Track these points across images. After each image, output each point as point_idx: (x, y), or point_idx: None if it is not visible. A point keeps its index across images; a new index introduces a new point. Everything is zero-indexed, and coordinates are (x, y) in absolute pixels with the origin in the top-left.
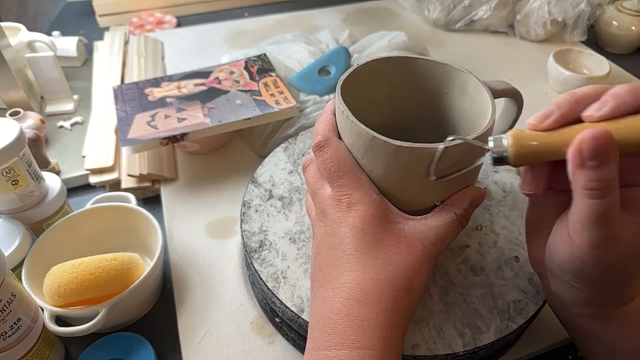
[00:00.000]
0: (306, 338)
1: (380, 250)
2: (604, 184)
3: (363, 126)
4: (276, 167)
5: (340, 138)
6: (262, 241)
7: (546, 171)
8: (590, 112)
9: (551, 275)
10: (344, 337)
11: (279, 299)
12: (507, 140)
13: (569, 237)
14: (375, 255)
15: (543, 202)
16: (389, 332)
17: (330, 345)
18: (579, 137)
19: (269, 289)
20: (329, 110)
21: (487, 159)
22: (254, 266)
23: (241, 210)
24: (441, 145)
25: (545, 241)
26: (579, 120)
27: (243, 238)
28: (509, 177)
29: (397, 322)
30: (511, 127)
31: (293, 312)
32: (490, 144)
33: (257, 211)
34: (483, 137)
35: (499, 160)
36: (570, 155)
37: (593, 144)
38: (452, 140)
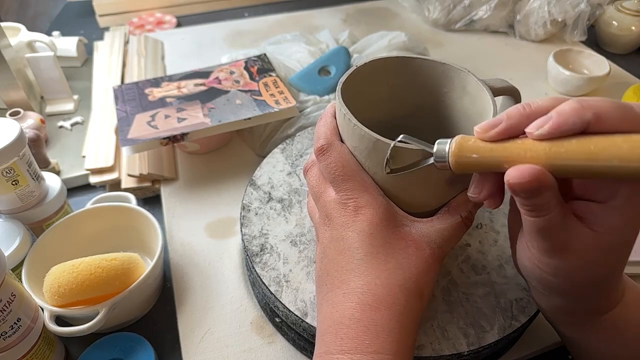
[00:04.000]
0: (307, 339)
1: (390, 254)
2: (539, 208)
3: (366, 129)
4: (274, 169)
5: (342, 141)
6: (263, 245)
7: (492, 179)
8: (530, 128)
9: (527, 282)
10: (357, 342)
11: (282, 303)
12: (449, 147)
13: (527, 245)
14: (385, 259)
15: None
16: (402, 336)
17: (343, 349)
18: (507, 174)
19: (271, 293)
20: (329, 114)
21: (429, 162)
22: (255, 270)
23: (241, 213)
24: (392, 143)
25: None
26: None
27: (244, 242)
28: None
29: (409, 326)
30: None
31: (297, 316)
32: (435, 148)
33: (256, 214)
34: None
35: (442, 165)
36: (505, 181)
37: (518, 186)
38: (400, 141)
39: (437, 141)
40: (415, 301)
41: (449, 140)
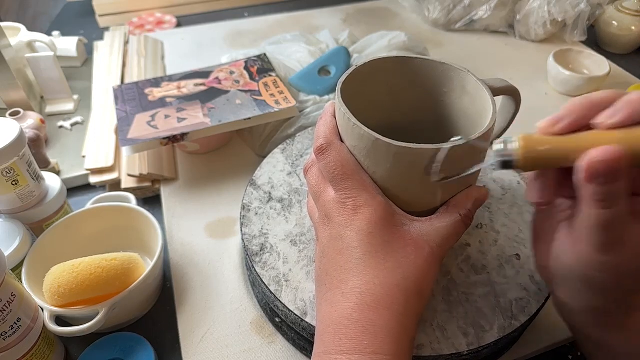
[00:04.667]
0: (307, 338)
1: (389, 253)
2: (611, 197)
3: (365, 128)
4: (275, 169)
5: (341, 140)
6: (263, 244)
7: (554, 179)
8: (601, 119)
9: (558, 282)
10: (356, 342)
11: (282, 303)
12: (516, 143)
13: (576, 242)
14: (384, 259)
15: (549, 209)
16: (401, 336)
17: (342, 349)
18: (589, 155)
19: (271, 292)
20: (329, 113)
21: (491, 162)
22: (255, 270)
23: (241, 213)
24: (446, 145)
25: (551, 247)
26: (590, 126)
27: (244, 241)
28: (507, 175)
29: (408, 327)
30: (509, 124)
31: (296, 315)
32: (498, 147)
33: (257, 214)
34: (486, 136)
35: (506, 164)
36: (580, 168)
37: (602, 164)
38: (459, 140)
39: (496, 141)
40: (415, 301)
41: (510, 138)
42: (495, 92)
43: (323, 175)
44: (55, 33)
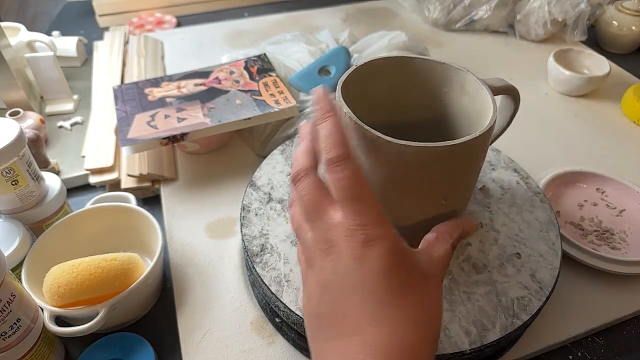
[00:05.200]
0: (307, 339)
1: (408, 296)
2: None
3: (367, 127)
4: (274, 170)
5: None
6: (263, 245)
7: None
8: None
9: None
10: None
11: (283, 303)
12: None
13: None
14: (404, 304)
15: None
16: None
17: None
18: None
19: (272, 293)
20: (334, 118)
21: None
22: (256, 270)
23: (241, 214)
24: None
25: None
26: None
27: (244, 242)
28: (506, 175)
29: None
30: (508, 124)
31: (298, 315)
32: None
33: (257, 215)
34: (487, 134)
35: None
36: None
37: None
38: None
39: None
40: (436, 344)
41: None
42: (495, 91)
43: (325, 190)
44: (55, 33)
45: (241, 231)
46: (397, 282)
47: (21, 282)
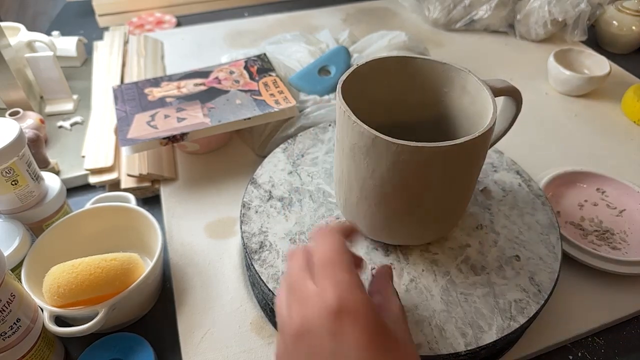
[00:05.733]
0: None
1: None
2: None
3: (365, 126)
4: (275, 168)
5: (341, 143)
6: (262, 242)
7: None
8: None
9: None
10: None
11: None
12: None
13: None
14: None
15: None
16: None
17: None
18: None
19: (269, 290)
20: (335, 234)
21: None
22: (254, 267)
23: (241, 211)
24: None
25: None
26: None
27: (243, 239)
28: (508, 177)
29: None
30: (510, 125)
31: None
32: None
33: (257, 212)
34: (487, 134)
35: None
36: None
37: None
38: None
39: None
40: None
41: None
42: (496, 92)
43: (307, 266)
44: (55, 33)
45: (241, 228)
46: (382, 353)
47: (21, 282)
